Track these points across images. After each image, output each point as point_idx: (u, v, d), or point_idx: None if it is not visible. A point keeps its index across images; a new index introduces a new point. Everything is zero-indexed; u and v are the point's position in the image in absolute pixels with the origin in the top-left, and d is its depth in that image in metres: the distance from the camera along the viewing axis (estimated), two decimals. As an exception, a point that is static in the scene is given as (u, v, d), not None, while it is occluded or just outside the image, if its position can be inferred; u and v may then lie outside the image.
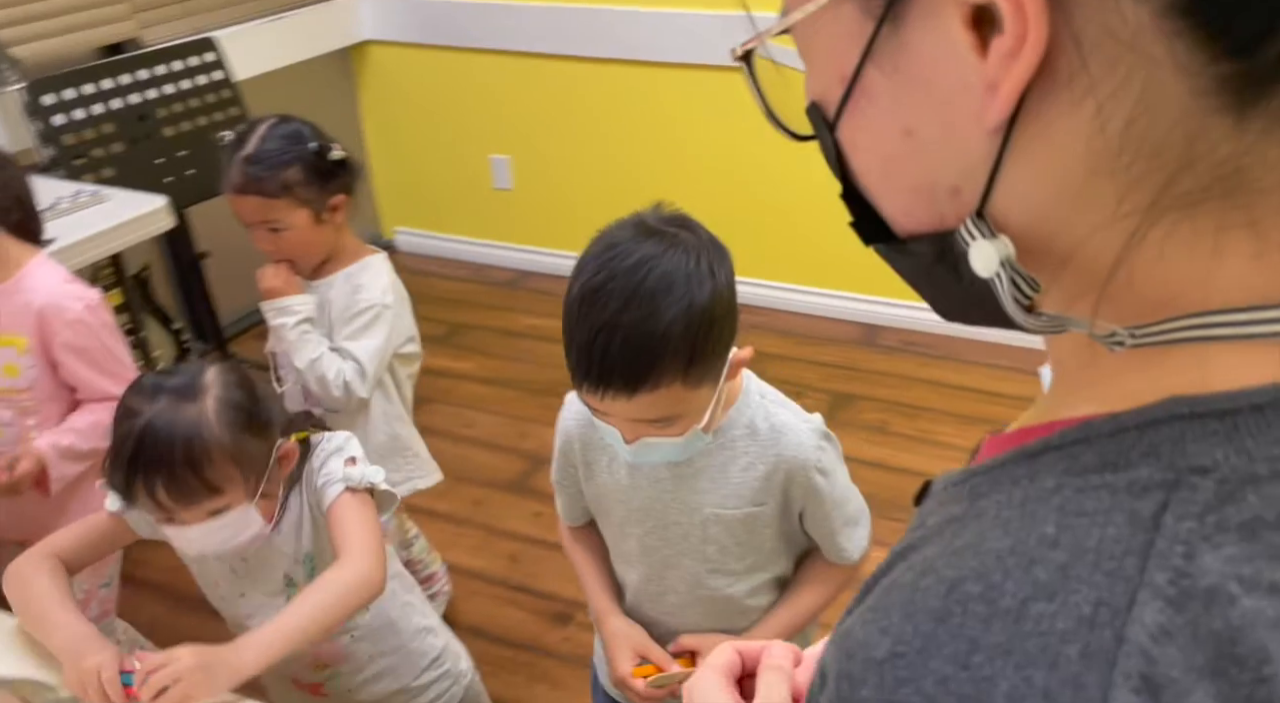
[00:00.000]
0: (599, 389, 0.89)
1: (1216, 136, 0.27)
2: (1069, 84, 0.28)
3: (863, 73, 0.32)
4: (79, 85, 2.23)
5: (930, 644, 0.28)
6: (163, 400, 0.99)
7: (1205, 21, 0.26)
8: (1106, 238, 0.30)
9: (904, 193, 0.34)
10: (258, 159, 1.44)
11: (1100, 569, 0.26)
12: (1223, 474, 0.27)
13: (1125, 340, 0.31)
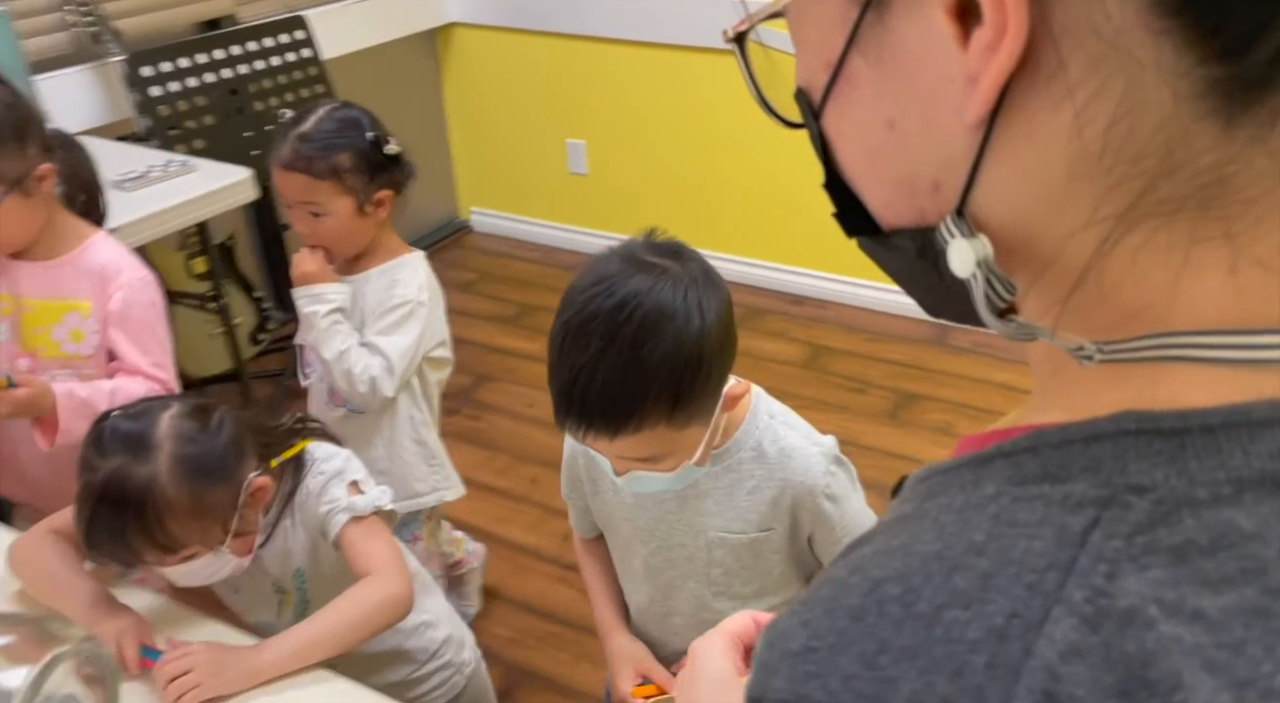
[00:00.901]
0: (580, 429, 0.87)
1: (1202, 143, 0.26)
2: (1050, 81, 0.27)
3: (847, 60, 0.31)
4: (176, 59, 2.31)
5: (842, 641, 0.28)
6: (116, 457, 0.96)
7: (1195, 20, 0.25)
8: (1081, 244, 0.29)
9: (886, 185, 0.33)
10: (311, 138, 1.42)
11: (1020, 581, 0.26)
12: (1160, 495, 0.26)
13: (1093, 355, 0.30)
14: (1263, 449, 0.26)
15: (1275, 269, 0.27)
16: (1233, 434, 0.27)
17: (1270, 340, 0.27)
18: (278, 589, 1.15)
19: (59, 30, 2.23)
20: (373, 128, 1.46)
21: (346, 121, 1.45)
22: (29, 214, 1.33)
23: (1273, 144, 0.26)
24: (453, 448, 2.46)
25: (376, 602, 1.04)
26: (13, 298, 1.39)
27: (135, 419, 1.00)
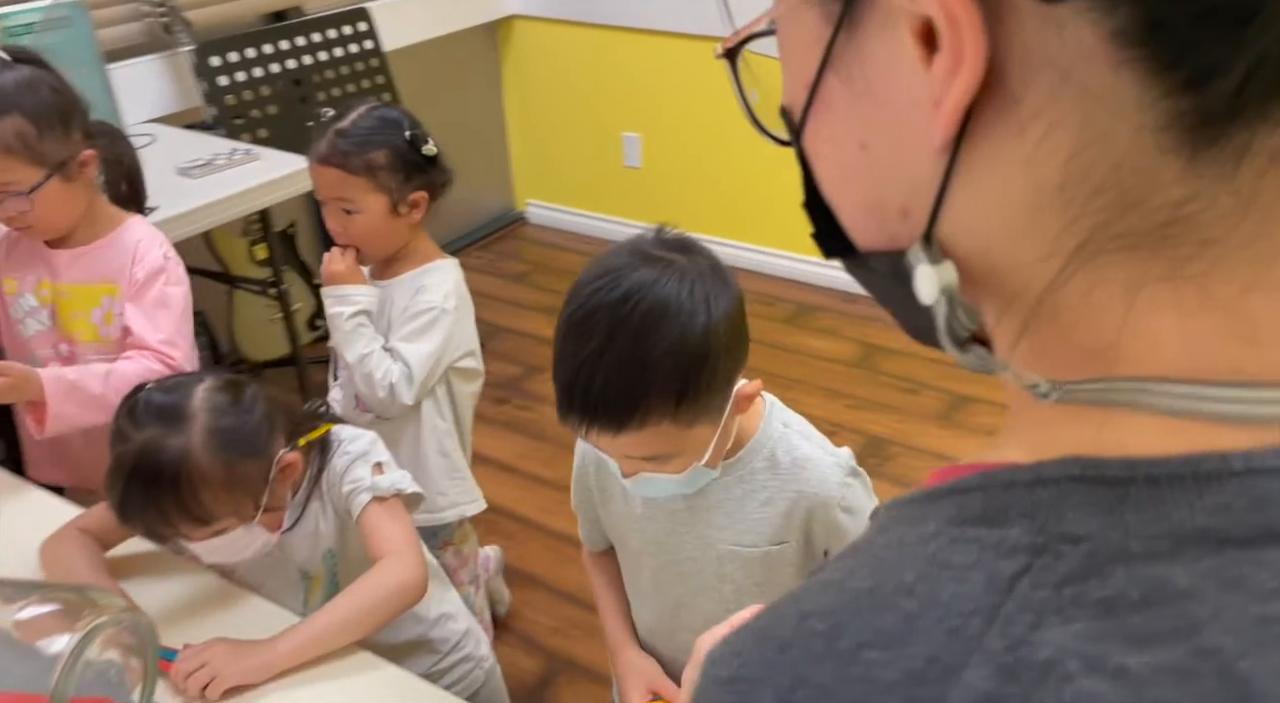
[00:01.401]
0: (583, 425, 0.85)
1: (1164, 179, 0.25)
2: (1012, 109, 0.26)
3: (823, 80, 0.31)
4: (243, 49, 2.37)
5: (765, 673, 0.27)
6: (150, 428, 0.97)
7: (1157, 51, 0.24)
8: (1040, 276, 0.28)
9: (859, 207, 0.33)
10: (348, 134, 1.41)
11: (944, 625, 0.25)
12: (1094, 546, 0.25)
13: (1049, 394, 0.29)
14: (1207, 504, 0.25)
15: (1237, 312, 0.26)
16: (1178, 487, 0.25)
17: (1224, 393, 0.26)
18: (304, 576, 1.17)
19: (132, 21, 2.29)
20: (411, 128, 1.45)
21: (386, 120, 1.44)
22: (70, 199, 1.35)
23: (1238, 183, 0.25)
24: (502, 437, 2.50)
25: (391, 587, 1.04)
26: (51, 285, 1.41)
27: (169, 392, 1.01)
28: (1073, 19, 0.24)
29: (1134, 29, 0.24)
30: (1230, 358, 0.26)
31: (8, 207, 1.30)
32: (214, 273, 2.42)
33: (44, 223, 1.34)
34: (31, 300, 1.43)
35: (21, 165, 1.28)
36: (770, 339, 2.77)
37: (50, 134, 1.29)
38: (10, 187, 1.29)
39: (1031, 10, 0.25)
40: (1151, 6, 0.23)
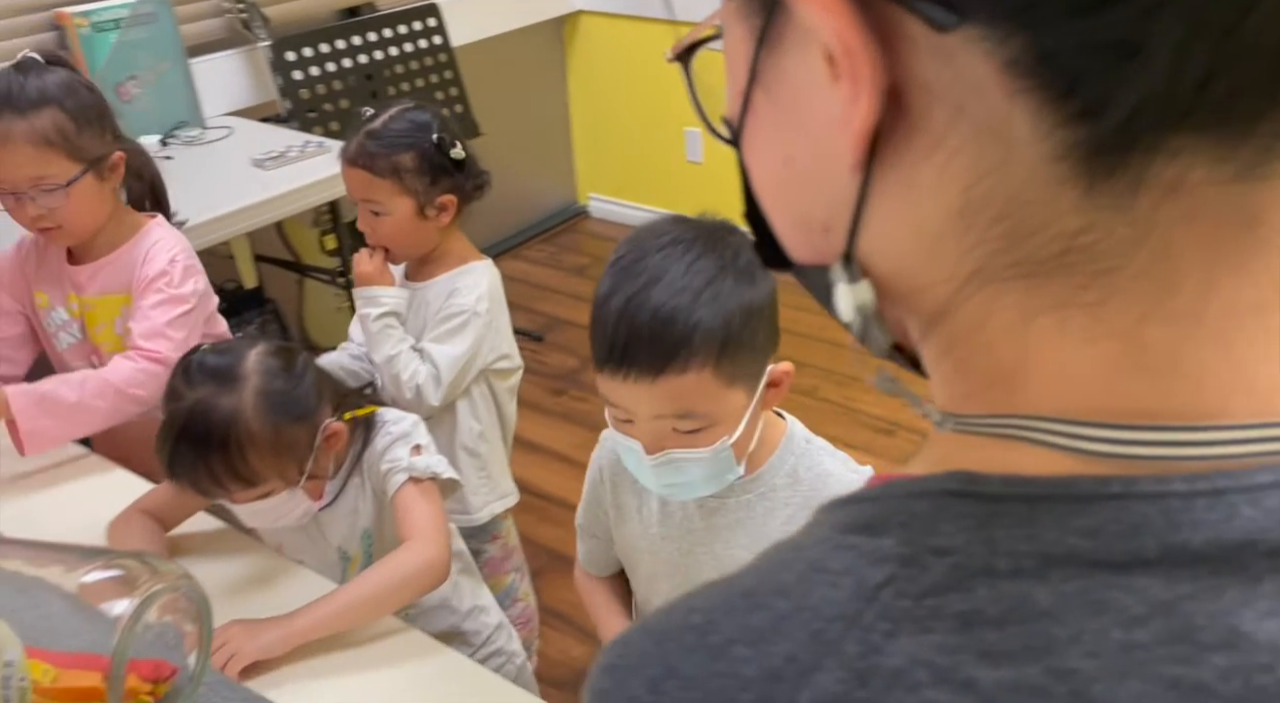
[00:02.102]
0: (622, 369, 0.83)
1: (1062, 207, 0.25)
2: (918, 135, 0.27)
3: (752, 94, 0.31)
4: (317, 44, 2.44)
5: (639, 663, 0.28)
6: (203, 387, 1.00)
7: (1050, 81, 0.24)
8: (944, 301, 0.29)
9: (788, 221, 0.33)
10: (378, 135, 1.42)
11: (808, 627, 0.26)
12: (959, 560, 0.26)
13: (943, 424, 0.30)
14: (1078, 526, 0.25)
15: (1133, 342, 0.26)
16: (1051, 507, 0.26)
17: (1112, 434, 0.26)
18: (343, 555, 1.20)
19: (213, 17, 2.38)
20: (440, 131, 1.44)
21: (415, 122, 1.44)
22: (99, 201, 1.34)
23: (1134, 213, 0.25)
24: (558, 427, 2.53)
25: (412, 568, 1.05)
26: (78, 298, 1.42)
27: (222, 354, 1.04)
28: (965, 49, 0.25)
29: (1026, 60, 0.24)
30: (1126, 388, 0.26)
31: (40, 203, 1.30)
32: (285, 262, 2.50)
33: (74, 223, 1.33)
34: (63, 314, 1.44)
35: (60, 158, 1.28)
36: (828, 336, 2.76)
37: (88, 130, 1.30)
38: (45, 181, 1.28)
39: (926, 40, 0.25)
40: (1041, 38, 0.24)
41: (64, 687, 0.63)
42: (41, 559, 0.70)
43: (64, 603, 0.68)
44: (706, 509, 0.98)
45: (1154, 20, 0.23)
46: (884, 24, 0.26)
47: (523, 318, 3.00)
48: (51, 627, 0.66)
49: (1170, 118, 0.24)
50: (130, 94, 2.18)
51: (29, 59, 1.31)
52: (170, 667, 0.69)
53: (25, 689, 0.62)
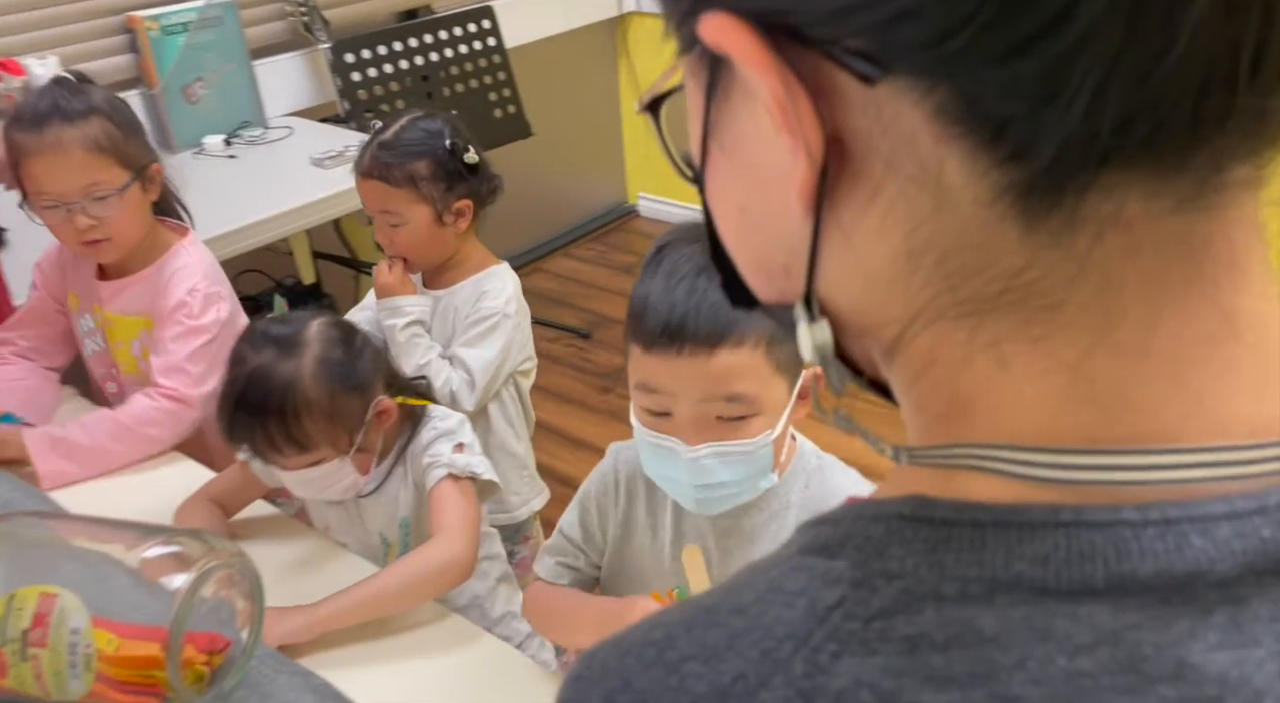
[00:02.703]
0: (675, 344, 0.81)
1: (1004, 247, 0.26)
2: (861, 182, 0.27)
3: (707, 145, 0.32)
4: (375, 46, 2.49)
5: (601, 676, 0.29)
6: (266, 352, 1.05)
7: (977, 127, 0.25)
8: (892, 339, 0.30)
9: (749, 264, 0.34)
10: (390, 146, 1.42)
11: (759, 646, 0.26)
12: (907, 584, 0.26)
13: (898, 457, 0.30)
14: (1027, 552, 0.25)
15: (1079, 374, 0.27)
16: (1001, 533, 0.26)
17: (1056, 459, 0.26)
18: (383, 541, 1.23)
19: (276, 20, 2.45)
20: (453, 137, 1.44)
21: (427, 131, 1.44)
22: (143, 211, 1.37)
23: (1075, 250, 0.26)
24: (605, 424, 2.56)
25: (435, 563, 1.07)
26: (101, 312, 1.44)
27: (286, 324, 1.09)
28: (894, 100, 0.25)
29: (953, 107, 0.25)
30: (1074, 420, 0.27)
31: (91, 213, 1.30)
32: (342, 259, 2.57)
33: (121, 234, 1.35)
34: (89, 322, 1.46)
35: (111, 165, 1.30)
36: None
37: (132, 139, 1.34)
38: (98, 188, 1.30)
39: (856, 93, 0.26)
40: (964, 86, 0.24)
41: (126, 655, 0.67)
42: (106, 536, 0.75)
43: (126, 577, 0.72)
44: (720, 531, 0.96)
45: (1071, 65, 0.23)
46: (816, 78, 0.26)
47: (571, 316, 3.03)
48: (115, 600, 0.70)
49: (1096, 157, 0.24)
50: (196, 95, 2.26)
51: (63, 77, 1.34)
52: (224, 640, 0.73)
53: (90, 656, 0.66)
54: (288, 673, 0.76)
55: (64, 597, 0.67)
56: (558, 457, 2.44)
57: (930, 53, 0.24)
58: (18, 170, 1.30)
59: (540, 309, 3.04)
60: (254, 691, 0.74)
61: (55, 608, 0.67)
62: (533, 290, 3.22)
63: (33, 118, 1.28)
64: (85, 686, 0.67)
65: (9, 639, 0.67)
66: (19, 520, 0.76)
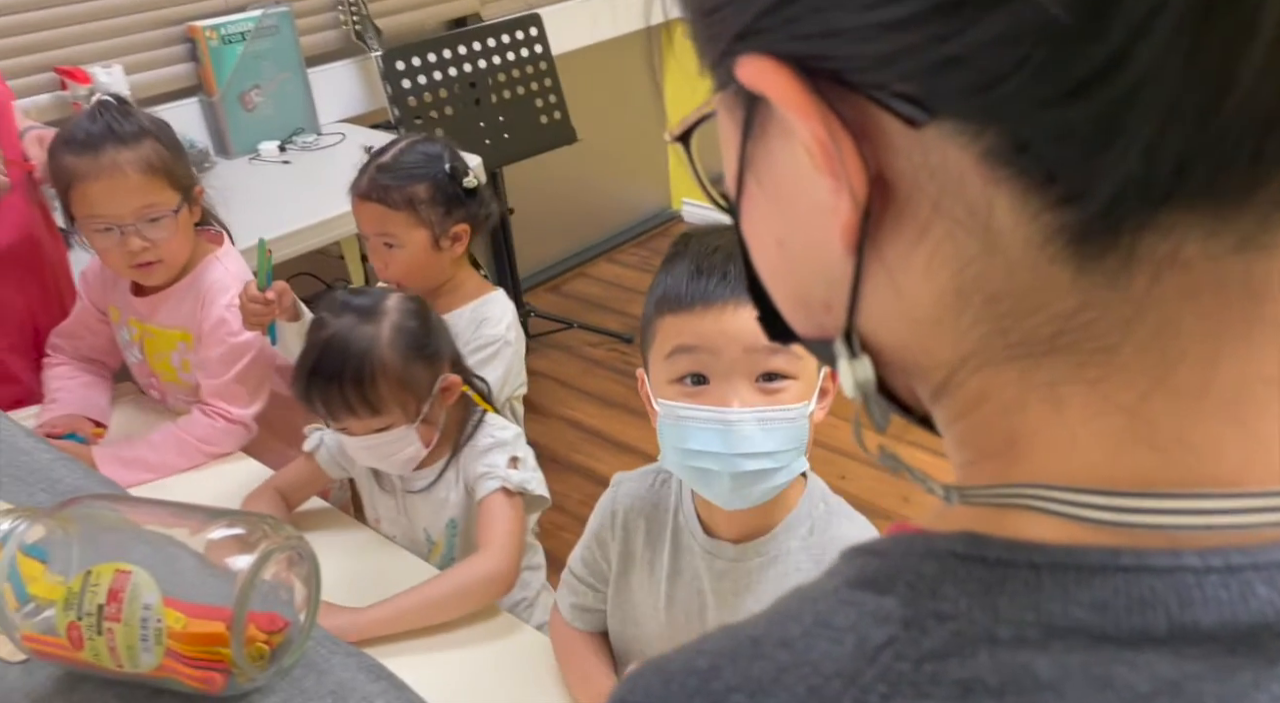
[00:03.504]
0: (718, 296, 0.82)
1: (1058, 288, 0.26)
2: (907, 221, 0.27)
3: (744, 180, 0.31)
4: (425, 54, 2.54)
5: (644, 702, 0.28)
6: (346, 318, 1.11)
7: (1028, 169, 0.24)
8: (940, 379, 0.29)
9: (787, 300, 0.34)
10: (389, 169, 1.42)
11: (806, 683, 0.26)
12: (959, 626, 0.25)
13: (949, 498, 0.30)
14: (1085, 597, 0.25)
15: (1138, 416, 0.26)
16: (1057, 576, 0.25)
17: (1116, 502, 0.26)
18: (428, 539, 1.26)
19: (330, 29, 2.51)
20: (452, 160, 1.44)
21: (426, 154, 1.44)
22: (189, 233, 1.39)
23: (1131, 291, 0.25)
24: (647, 427, 2.56)
25: (477, 577, 1.11)
26: (139, 324, 1.46)
27: (366, 295, 1.17)
28: (941, 142, 0.25)
29: (1002, 150, 0.24)
30: (1131, 462, 0.26)
31: (145, 235, 1.32)
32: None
33: (172, 256, 1.37)
34: (127, 334, 1.49)
35: (164, 186, 1.32)
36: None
37: (180, 159, 1.36)
38: (153, 209, 1.32)
39: (901, 135, 0.26)
40: (1015, 130, 0.24)
41: (193, 632, 0.71)
42: (173, 520, 0.78)
43: (192, 560, 0.76)
44: (715, 572, 0.95)
45: (1127, 110, 0.22)
46: (860, 120, 0.26)
47: (613, 320, 3.06)
48: (181, 581, 0.74)
49: (1154, 199, 0.24)
50: (253, 102, 2.32)
51: (106, 101, 1.36)
52: (283, 620, 0.76)
53: (161, 630, 0.70)
54: (342, 653, 0.79)
55: (137, 574, 0.71)
56: (600, 460, 2.47)
57: (979, 98, 0.24)
58: (68, 194, 1.32)
59: (583, 313, 3.08)
60: (311, 669, 0.77)
61: (129, 584, 0.71)
62: (576, 294, 3.26)
63: (86, 140, 1.29)
64: (156, 659, 0.71)
65: (85, 614, 0.70)
66: (92, 504, 0.80)
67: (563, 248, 3.38)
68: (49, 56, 2.07)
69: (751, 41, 0.27)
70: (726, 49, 0.28)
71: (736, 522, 0.93)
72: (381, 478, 1.28)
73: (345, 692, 0.75)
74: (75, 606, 0.71)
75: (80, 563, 0.73)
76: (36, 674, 0.78)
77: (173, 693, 0.75)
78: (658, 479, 1.01)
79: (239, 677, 0.72)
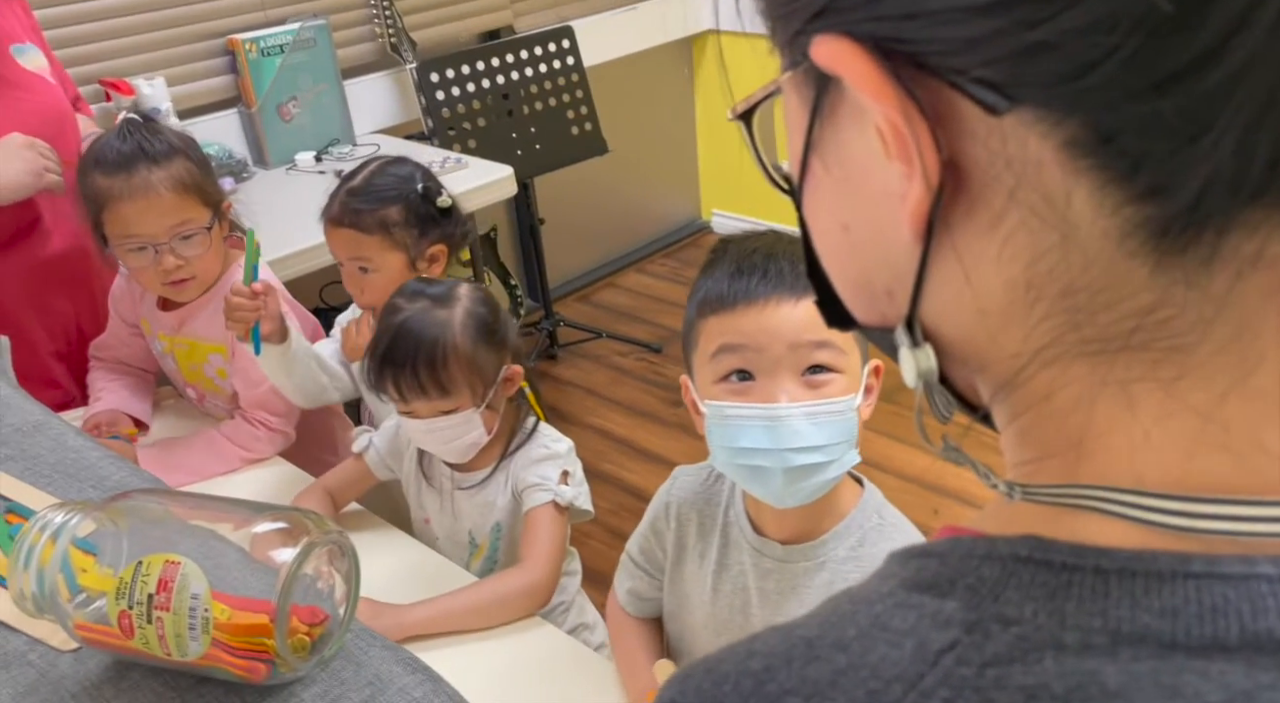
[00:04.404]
0: (762, 294, 0.83)
1: (1134, 283, 0.25)
2: (979, 210, 0.27)
3: (808, 161, 0.31)
4: (459, 66, 2.58)
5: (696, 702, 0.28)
6: (420, 303, 1.17)
7: (1112, 161, 0.24)
8: (1012, 370, 0.29)
9: (849, 284, 0.33)
10: (360, 192, 1.39)
11: (865, 686, 0.26)
12: (1024, 631, 0.25)
13: (1012, 494, 0.29)
14: (1154, 604, 0.24)
15: (1212, 419, 0.26)
16: (1125, 582, 0.25)
17: (1186, 507, 0.25)
18: (471, 542, 1.28)
19: (367, 41, 2.56)
20: (425, 180, 1.42)
21: (398, 175, 1.42)
22: (220, 248, 1.41)
23: (1212, 289, 0.24)
24: (675, 438, 2.59)
25: (516, 588, 1.14)
26: (168, 338, 1.49)
27: (438, 284, 1.21)
28: (1021, 130, 0.25)
29: (1085, 140, 0.24)
30: (1204, 464, 0.26)
31: (179, 252, 1.34)
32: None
33: (205, 272, 1.39)
34: (159, 346, 1.52)
35: (196, 204, 1.34)
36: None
37: (209, 175, 1.38)
38: (187, 226, 1.33)
39: (979, 121, 0.25)
40: (1100, 119, 0.23)
41: (237, 623, 0.73)
42: (218, 515, 0.80)
43: (236, 555, 0.77)
44: (761, 570, 0.95)
45: (1220, 103, 0.22)
46: (937, 105, 0.26)
47: (642, 330, 3.08)
48: (226, 573, 0.76)
49: (1243, 196, 0.23)
50: (290, 114, 2.37)
51: (133, 119, 1.38)
52: (324, 613, 0.78)
53: (209, 620, 0.72)
54: (379, 646, 0.81)
55: (186, 565, 0.73)
56: (629, 469, 2.49)
57: (1065, 87, 0.23)
58: (101, 215, 1.33)
59: (612, 323, 3.10)
60: (349, 660, 0.79)
61: (178, 575, 0.73)
62: (605, 304, 3.28)
63: (117, 160, 1.31)
64: (203, 647, 0.72)
65: (136, 602, 0.73)
66: (140, 498, 0.82)
67: (592, 258, 3.40)
68: (94, 69, 2.13)
69: (828, 21, 0.27)
70: (801, 28, 0.28)
71: (786, 522, 0.94)
72: (430, 477, 1.30)
73: (383, 683, 0.77)
74: (127, 595, 0.73)
75: (130, 556, 0.75)
76: (86, 663, 0.80)
77: (217, 682, 0.77)
78: (712, 475, 1.02)
79: (281, 667, 0.74)
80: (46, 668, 0.80)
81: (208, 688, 0.77)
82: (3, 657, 0.81)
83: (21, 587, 0.75)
